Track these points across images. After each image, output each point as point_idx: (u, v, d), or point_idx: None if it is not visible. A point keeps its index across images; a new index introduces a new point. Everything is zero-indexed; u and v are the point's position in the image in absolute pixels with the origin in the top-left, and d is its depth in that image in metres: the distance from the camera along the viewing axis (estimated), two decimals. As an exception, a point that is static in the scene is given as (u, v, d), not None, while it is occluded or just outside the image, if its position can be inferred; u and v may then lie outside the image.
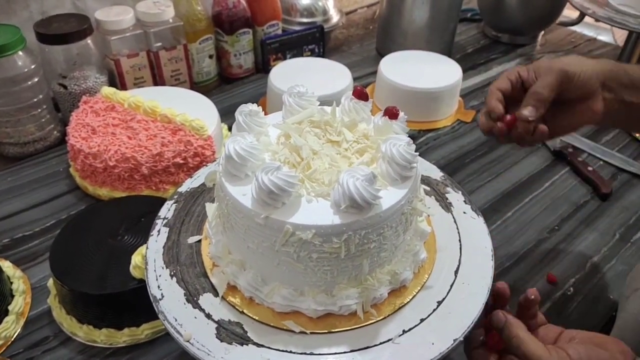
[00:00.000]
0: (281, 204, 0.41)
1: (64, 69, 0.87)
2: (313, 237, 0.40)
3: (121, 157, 0.71)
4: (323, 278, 0.43)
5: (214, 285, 0.47)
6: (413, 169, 0.44)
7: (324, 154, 0.45)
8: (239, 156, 0.43)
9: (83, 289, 0.56)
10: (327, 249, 0.41)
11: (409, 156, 0.43)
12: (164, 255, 0.50)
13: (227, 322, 0.44)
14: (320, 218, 0.40)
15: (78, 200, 0.78)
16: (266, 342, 0.43)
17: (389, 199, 0.42)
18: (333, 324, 0.44)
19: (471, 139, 0.95)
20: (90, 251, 0.60)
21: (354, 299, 0.44)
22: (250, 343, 0.43)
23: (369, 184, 0.39)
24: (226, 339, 0.43)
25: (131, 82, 0.93)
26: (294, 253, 0.41)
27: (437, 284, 0.48)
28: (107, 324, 0.59)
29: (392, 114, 0.47)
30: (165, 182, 0.74)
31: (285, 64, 1.00)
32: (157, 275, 0.48)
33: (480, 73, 1.16)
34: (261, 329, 0.44)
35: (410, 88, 0.93)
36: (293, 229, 0.40)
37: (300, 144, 0.45)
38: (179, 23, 0.93)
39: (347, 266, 0.42)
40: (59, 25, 0.85)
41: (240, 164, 0.43)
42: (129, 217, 0.64)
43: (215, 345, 0.42)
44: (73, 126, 0.77)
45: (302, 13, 1.17)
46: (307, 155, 0.45)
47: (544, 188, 0.84)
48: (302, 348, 0.42)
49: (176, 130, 0.75)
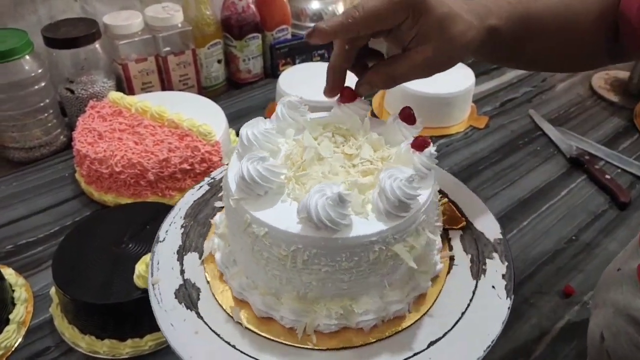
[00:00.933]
0: (256, 195, 0.40)
1: (71, 74, 0.87)
2: (264, 236, 0.39)
3: (127, 163, 0.70)
4: (272, 281, 0.41)
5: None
6: (406, 208, 0.39)
7: (329, 163, 0.44)
8: (255, 139, 0.44)
9: (85, 298, 0.55)
10: (275, 253, 0.39)
11: (401, 194, 0.38)
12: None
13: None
14: (279, 220, 0.39)
15: (83, 206, 0.77)
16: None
17: (360, 229, 0.38)
18: (276, 333, 0.43)
19: (484, 145, 0.92)
20: (94, 259, 0.59)
21: (295, 315, 0.42)
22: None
23: (335, 204, 0.37)
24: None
25: (139, 86, 0.92)
26: (251, 243, 0.40)
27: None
28: (110, 334, 0.57)
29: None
30: (171, 189, 0.72)
31: (294, 69, 0.98)
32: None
33: (494, 78, 1.14)
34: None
35: (422, 93, 0.91)
36: (250, 221, 0.40)
37: (308, 145, 0.44)
38: (187, 28, 0.92)
39: (294, 279, 0.40)
40: (67, 30, 0.84)
41: (249, 147, 0.44)
42: (133, 224, 0.62)
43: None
44: (79, 131, 0.76)
45: (311, 18, 1.16)
46: (309, 157, 0.43)
47: (560, 196, 0.81)
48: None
49: (183, 135, 0.74)
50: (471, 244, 0.50)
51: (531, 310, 0.64)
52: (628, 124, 0.99)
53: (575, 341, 0.60)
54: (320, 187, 0.38)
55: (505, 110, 1.03)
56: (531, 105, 1.05)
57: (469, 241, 0.51)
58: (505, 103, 1.06)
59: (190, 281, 0.47)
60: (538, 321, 0.63)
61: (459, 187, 0.57)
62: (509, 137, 0.95)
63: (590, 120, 1.01)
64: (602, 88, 1.10)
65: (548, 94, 1.09)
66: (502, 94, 1.09)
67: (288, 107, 0.48)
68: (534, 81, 1.13)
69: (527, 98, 1.08)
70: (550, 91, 1.10)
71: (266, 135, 0.45)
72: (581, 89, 1.11)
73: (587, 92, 1.10)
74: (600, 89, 1.10)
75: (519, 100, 1.07)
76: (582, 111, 1.04)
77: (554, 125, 0.97)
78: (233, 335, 0.43)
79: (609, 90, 1.09)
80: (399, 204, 0.38)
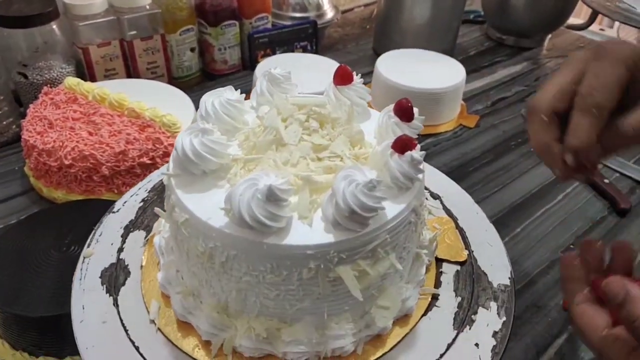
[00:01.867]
0: (191, 173, 0.35)
1: (25, 57, 0.78)
2: (183, 223, 0.33)
3: (78, 155, 0.62)
4: (193, 280, 0.36)
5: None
6: (361, 221, 0.32)
7: (290, 150, 0.37)
8: (213, 110, 0.39)
9: (16, 310, 0.47)
10: (192, 247, 0.33)
11: (355, 202, 0.31)
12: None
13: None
14: (203, 208, 0.33)
15: (32, 203, 0.69)
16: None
17: (295, 236, 0.31)
18: (190, 345, 0.37)
19: (475, 145, 0.86)
20: (30, 265, 0.51)
21: (212, 328, 0.35)
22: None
23: (264, 200, 0.30)
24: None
25: (101, 73, 0.84)
26: (174, 231, 0.35)
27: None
28: (46, 351, 0.49)
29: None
30: (129, 185, 0.64)
31: (273, 60, 0.92)
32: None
33: (484, 76, 1.08)
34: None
35: (410, 88, 0.85)
36: (174, 203, 0.34)
37: (269, 125, 0.37)
38: (156, 10, 0.85)
39: (213, 282, 0.34)
40: (20, 7, 0.76)
41: (206, 118, 0.39)
42: (80, 224, 0.55)
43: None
44: (29, 119, 0.68)
45: (294, 7, 1.09)
46: (267, 140, 0.37)
47: (556, 201, 0.75)
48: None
49: (145, 126, 0.66)
50: (466, 284, 0.41)
51: (526, 327, 0.57)
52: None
53: (576, 363, 0.54)
54: (252, 177, 0.31)
55: (497, 109, 0.98)
56: (524, 105, 0.99)
57: (465, 280, 0.42)
58: (496, 102, 1.00)
59: (124, 262, 0.41)
60: (533, 340, 0.56)
61: (469, 207, 0.49)
62: (501, 137, 0.89)
63: (586, 121, 0.96)
64: (598, 88, 1.05)
65: (541, 94, 1.04)
66: (493, 92, 1.03)
67: (269, 80, 0.41)
68: (527, 80, 1.08)
69: (520, 97, 1.02)
70: (543, 91, 1.05)
71: (228, 107, 0.38)
72: (575, 89, 1.06)
73: (581, 93, 1.05)
74: (595, 89, 1.04)
75: (511, 100, 1.01)
76: (577, 112, 0.99)
77: (548, 126, 0.91)
78: (141, 336, 0.36)
79: (605, 91, 1.04)
80: (349, 214, 0.31)
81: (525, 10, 1.15)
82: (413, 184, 0.35)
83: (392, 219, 0.33)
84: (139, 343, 0.36)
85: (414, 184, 0.35)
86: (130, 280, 0.40)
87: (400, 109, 0.40)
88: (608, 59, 0.38)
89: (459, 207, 0.50)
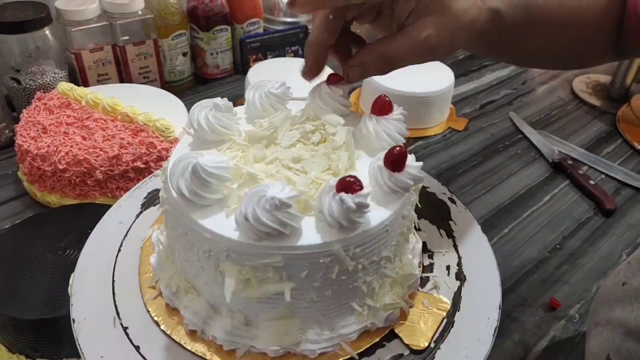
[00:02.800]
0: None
1: (17, 62, 0.79)
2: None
3: (72, 160, 0.63)
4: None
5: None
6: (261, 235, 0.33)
7: (274, 151, 0.39)
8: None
9: (12, 313, 0.48)
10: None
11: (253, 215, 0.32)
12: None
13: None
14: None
15: (25, 207, 0.69)
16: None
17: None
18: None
19: (464, 148, 0.88)
20: (26, 269, 0.51)
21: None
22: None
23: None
24: None
25: (94, 78, 0.85)
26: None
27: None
28: (42, 353, 0.50)
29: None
30: (122, 189, 0.65)
31: (264, 64, 0.92)
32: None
33: (473, 80, 1.09)
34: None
35: (399, 92, 0.86)
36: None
37: (273, 123, 0.39)
38: (149, 15, 0.85)
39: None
40: (13, 13, 0.76)
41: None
42: (75, 228, 0.55)
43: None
44: (22, 124, 0.69)
45: (285, 12, 1.10)
46: (260, 135, 0.39)
47: (543, 202, 0.77)
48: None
49: (138, 130, 0.67)
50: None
51: (514, 325, 0.59)
52: (611, 129, 0.96)
53: (563, 359, 0.55)
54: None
55: (485, 112, 0.99)
56: (511, 108, 1.01)
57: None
58: (485, 105, 1.01)
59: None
60: (521, 337, 0.58)
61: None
62: (489, 140, 0.91)
63: (572, 124, 0.98)
64: (584, 92, 1.07)
65: (528, 97, 1.06)
66: (481, 95, 1.05)
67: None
68: (514, 84, 1.10)
69: (508, 100, 1.04)
70: (530, 94, 1.07)
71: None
72: (562, 92, 1.08)
73: (568, 96, 1.07)
74: (582, 92, 1.06)
75: (499, 103, 1.03)
76: (564, 115, 1.01)
77: (535, 129, 0.93)
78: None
79: (591, 95, 1.06)
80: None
81: (512, 15, 1.17)
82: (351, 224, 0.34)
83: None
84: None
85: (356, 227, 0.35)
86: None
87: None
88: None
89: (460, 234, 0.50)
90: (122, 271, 0.44)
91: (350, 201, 0.32)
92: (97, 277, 0.43)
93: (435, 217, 0.51)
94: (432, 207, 0.52)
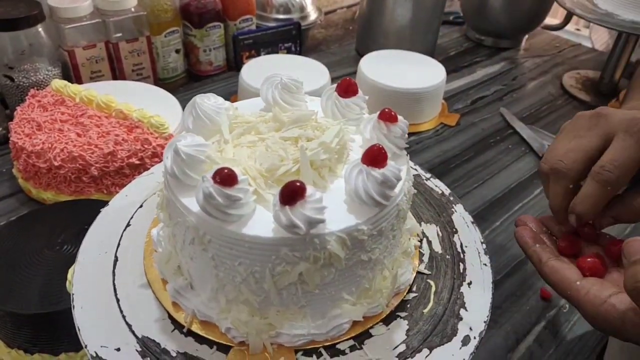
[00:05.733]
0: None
1: (11, 60, 0.79)
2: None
3: (67, 157, 0.63)
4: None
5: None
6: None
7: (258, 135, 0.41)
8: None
9: (11, 307, 0.48)
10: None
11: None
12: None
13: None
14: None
15: (20, 204, 0.70)
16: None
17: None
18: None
19: (456, 143, 0.89)
20: (23, 264, 0.52)
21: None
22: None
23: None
24: None
25: (87, 75, 0.85)
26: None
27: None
28: (41, 348, 0.50)
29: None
30: (118, 185, 0.66)
31: (258, 60, 0.93)
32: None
33: (464, 76, 1.11)
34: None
35: (392, 88, 0.87)
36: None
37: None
38: (142, 13, 0.86)
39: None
40: (6, 10, 0.76)
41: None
42: (71, 224, 0.56)
43: None
44: (17, 122, 0.69)
45: (277, 9, 1.11)
46: (251, 121, 0.42)
47: (533, 195, 0.78)
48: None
49: (133, 127, 0.67)
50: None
51: (505, 315, 0.60)
52: (599, 123, 0.97)
53: (553, 348, 0.57)
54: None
55: (476, 108, 1.00)
56: (502, 104, 1.02)
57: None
58: (476, 101, 1.03)
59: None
60: (513, 327, 0.59)
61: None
62: (480, 135, 0.92)
63: (562, 119, 0.99)
64: (574, 87, 1.08)
65: (519, 93, 1.07)
66: (472, 91, 1.06)
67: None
68: (505, 80, 1.11)
69: (498, 96, 1.05)
70: (521, 90, 1.08)
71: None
72: (552, 88, 1.09)
73: (558, 91, 1.08)
74: (571, 88, 1.08)
75: (490, 99, 1.04)
76: (554, 110, 1.02)
77: (526, 124, 0.94)
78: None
79: (580, 90, 1.08)
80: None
81: (503, 12, 1.18)
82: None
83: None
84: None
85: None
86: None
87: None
88: (636, 137, 0.39)
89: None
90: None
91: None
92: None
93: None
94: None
